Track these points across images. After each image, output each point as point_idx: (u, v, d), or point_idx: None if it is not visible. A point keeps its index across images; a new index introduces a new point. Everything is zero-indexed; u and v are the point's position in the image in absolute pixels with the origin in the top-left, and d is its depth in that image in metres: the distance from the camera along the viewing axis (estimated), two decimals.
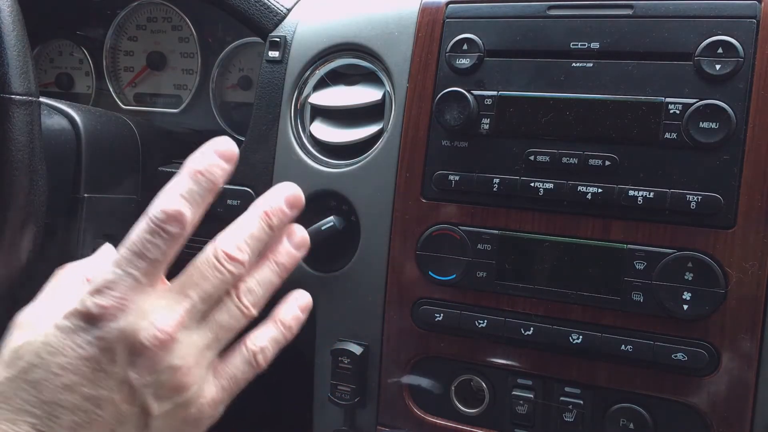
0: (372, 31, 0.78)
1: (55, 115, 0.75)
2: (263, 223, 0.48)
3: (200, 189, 0.46)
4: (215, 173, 0.46)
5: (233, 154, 0.47)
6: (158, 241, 0.44)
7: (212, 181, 0.46)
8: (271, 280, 0.49)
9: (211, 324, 0.47)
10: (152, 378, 0.44)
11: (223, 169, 0.46)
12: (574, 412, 0.67)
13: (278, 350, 0.51)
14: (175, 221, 0.44)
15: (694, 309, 0.61)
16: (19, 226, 0.63)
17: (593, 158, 0.65)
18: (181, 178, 0.46)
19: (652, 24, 0.65)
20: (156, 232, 0.44)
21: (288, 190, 0.50)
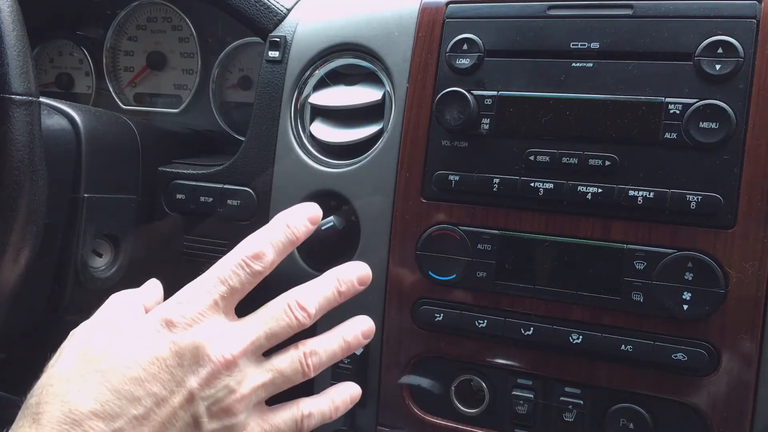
0: (372, 31, 0.78)
1: (55, 115, 0.75)
2: (334, 289, 0.55)
3: (285, 240, 0.54)
4: (300, 231, 0.55)
5: (318, 218, 0.56)
6: (242, 272, 0.50)
7: (296, 237, 0.54)
8: (335, 353, 0.56)
9: (270, 366, 0.51)
10: (210, 391, 0.47)
11: (307, 229, 0.55)
12: (574, 412, 0.67)
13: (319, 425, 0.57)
14: (259, 259, 0.51)
15: (694, 309, 0.61)
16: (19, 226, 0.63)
17: (593, 158, 0.65)
18: (272, 227, 0.54)
19: (652, 24, 0.65)
20: (241, 265, 0.50)
21: (361, 270, 0.58)
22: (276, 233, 0.53)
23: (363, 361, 0.75)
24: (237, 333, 0.49)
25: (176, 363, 0.46)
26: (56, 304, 0.76)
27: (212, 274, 0.50)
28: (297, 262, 0.77)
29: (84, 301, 0.76)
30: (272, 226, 0.54)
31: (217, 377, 0.47)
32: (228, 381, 0.48)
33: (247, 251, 0.51)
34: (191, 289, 0.50)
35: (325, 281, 0.56)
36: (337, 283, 0.56)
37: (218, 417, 0.48)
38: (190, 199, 0.84)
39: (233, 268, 0.50)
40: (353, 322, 0.59)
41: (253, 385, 0.49)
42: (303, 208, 0.56)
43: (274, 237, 0.53)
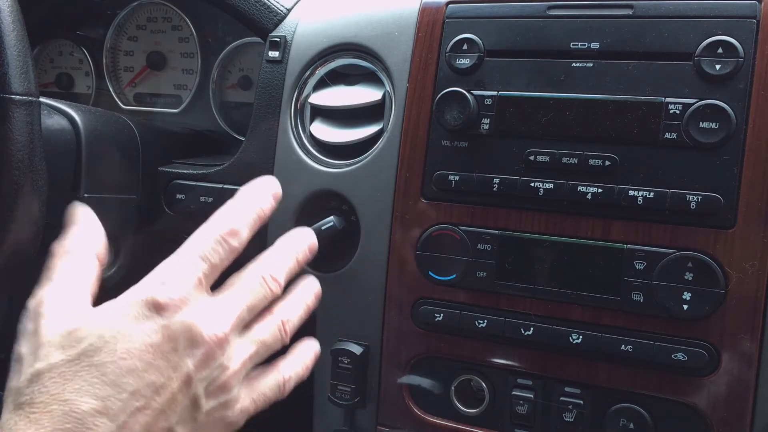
0: (372, 31, 0.78)
1: (55, 115, 0.75)
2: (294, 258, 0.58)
3: (255, 217, 0.55)
4: (267, 208, 0.57)
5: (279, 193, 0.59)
6: (221, 249, 0.51)
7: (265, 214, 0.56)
8: (301, 316, 0.58)
9: (253, 337, 0.52)
10: (206, 372, 0.47)
11: (272, 207, 0.57)
12: (574, 412, 0.67)
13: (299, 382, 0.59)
14: (236, 236, 0.52)
15: (694, 309, 0.61)
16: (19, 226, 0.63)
17: (593, 158, 0.65)
18: (240, 204, 0.55)
19: (652, 24, 0.65)
20: (219, 241, 0.51)
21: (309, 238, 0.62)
22: (246, 210, 0.55)
23: (363, 361, 0.75)
24: (222, 309, 0.49)
25: (171, 348, 0.46)
26: None
27: (191, 252, 0.50)
28: None
29: None
30: (241, 203, 0.55)
31: (211, 357, 0.47)
32: (221, 359, 0.48)
33: (223, 228, 0.52)
34: (172, 267, 0.50)
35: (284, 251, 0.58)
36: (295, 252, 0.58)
37: (215, 395, 0.48)
38: (190, 199, 0.84)
39: (213, 245, 0.51)
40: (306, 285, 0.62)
41: (242, 359, 0.50)
42: (265, 183, 0.58)
43: (245, 214, 0.54)
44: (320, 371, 0.79)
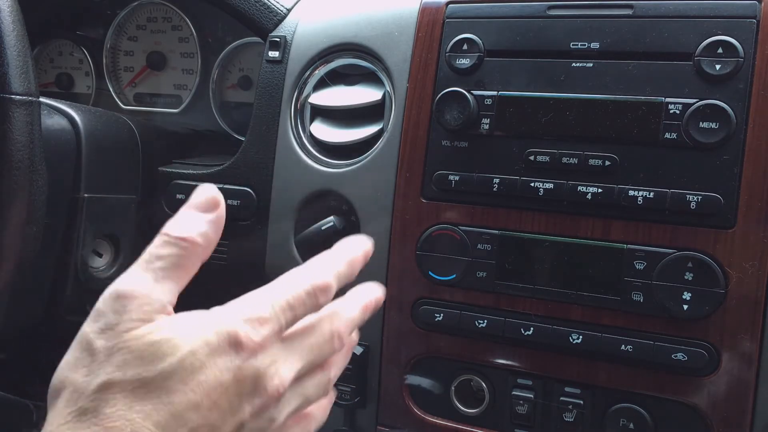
0: (372, 31, 0.78)
1: (55, 115, 0.75)
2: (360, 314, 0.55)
3: (347, 274, 0.53)
4: (358, 267, 0.55)
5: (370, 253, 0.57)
6: (309, 302, 0.49)
7: (354, 272, 0.54)
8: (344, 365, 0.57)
9: (301, 392, 0.51)
10: (257, 423, 0.47)
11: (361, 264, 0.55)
12: (574, 412, 0.67)
13: None
14: (326, 293, 0.50)
15: (694, 309, 0.61)
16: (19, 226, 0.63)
17: (593, 158, 0.65)
18: (338, 259, 0.53)
19: (652, 24, 0.65)
20: (311, 295, 0.49)
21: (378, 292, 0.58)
22: (341, 265, 0.53)
23: (363, 361, 0.75)
24: (288, 361, 0.48)
25: (236, 392, 0.45)
26: (56, 304, 0.76)
27: (283, 296, 0.48)
28: (297, 262, 0.77)
29: (84, 301, 0.76)
30: (337, 256, 0.54)
31: (266, 408, 0.47)
32: (273, 412, 0.47)
33: (318, 280, 0.50)
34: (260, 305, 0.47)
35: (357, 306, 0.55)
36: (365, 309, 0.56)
37: None
38: None
39: (303, 297, 0.49)
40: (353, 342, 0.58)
41: (288, 413, 0.50)
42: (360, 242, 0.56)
43: (339, 270, 0.52)
44: None
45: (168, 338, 0.44)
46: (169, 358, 0.43)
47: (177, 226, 0.47)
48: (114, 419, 0.41)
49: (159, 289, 0.46)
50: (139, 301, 0.45)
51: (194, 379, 0.43)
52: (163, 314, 0.45)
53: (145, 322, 0.44)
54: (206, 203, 0.49)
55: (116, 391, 0.42)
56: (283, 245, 0.79)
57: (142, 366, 0.43)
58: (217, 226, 0.49)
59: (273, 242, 0.80)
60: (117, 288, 0.45)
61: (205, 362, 0.44)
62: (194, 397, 0.43)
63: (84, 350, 0.44)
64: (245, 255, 0.82)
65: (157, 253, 0.46)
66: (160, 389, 0.42)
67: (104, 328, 0.44)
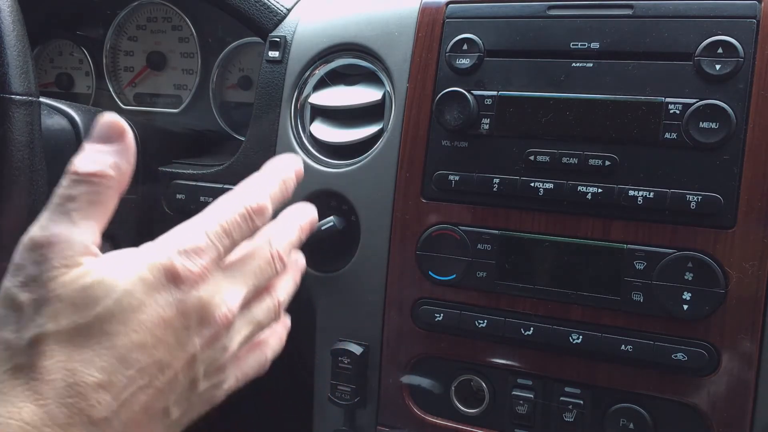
0: (372, 31, 0.78)
1: (55, 115, 0.75)
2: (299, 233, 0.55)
3: (280, 195, 0.52)
4: (291, 187, 0.53)
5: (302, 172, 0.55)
6: (245, 226, 0.48)
7: (288, 192, 0.53)
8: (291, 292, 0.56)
9: (251, 318, 0.50)
10: (209, 353, 0.45)
11: (294, 184, 0.54)
12: (574, 412, 0.67)
13: None
14: (262, 215, 0.49)
15: (694, 309, 0.61)
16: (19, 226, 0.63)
17: (593, 158, 0.65)
18: (269, 179, 0.51)
19: (652, 24, 0.65)
20: (246, 218, 0.48)
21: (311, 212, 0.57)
22: (274, 185, 0.51)
23: (363, 361, 0.75)
24: (231, 288, 0.47)
25: (182, 325, 0.43)
26: None
27: (215, 222, 0.46)
28: None
29: None
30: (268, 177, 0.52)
31: (217, 338, 0.45)
32: (224, 340, 0.46)
33: (252, 203, 0.48)
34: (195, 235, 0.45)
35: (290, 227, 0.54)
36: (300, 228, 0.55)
37: (211, 376, 0.46)
38: (190, 199, 0.84)
39: (239, 221, 0.47)
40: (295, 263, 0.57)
41: (239, 340, 0.48)
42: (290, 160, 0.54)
43: (272, 191, 0.51)
44: (320, 371, 0.79)
45: (99, 280, 0.41)
46: (104, 301, 0.41)
47: (84, 162, 0.44)
48: (53, 371, 0.39)
49: (78, 232, 0.43)
50: (58, 246, 0.42)
51: (135, 319, 0.41)
52: (89, 256, 0.43)
53: (71, 267, 0.41)
54: (111, 133, 0.46)
55: (51, 342, 0.39)
56: None
57: (76, 313, 0.40)
58: (127, 154, 0.46)
59: None
60: (32, 237, 0.43)
61: (143, 300, 0.42)
62: (137, 336, 0.41)
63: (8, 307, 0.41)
64: None
65: (68, 194, 0.43)
66: (99, 334, 0.40)
67: (26, 281, 0.41)
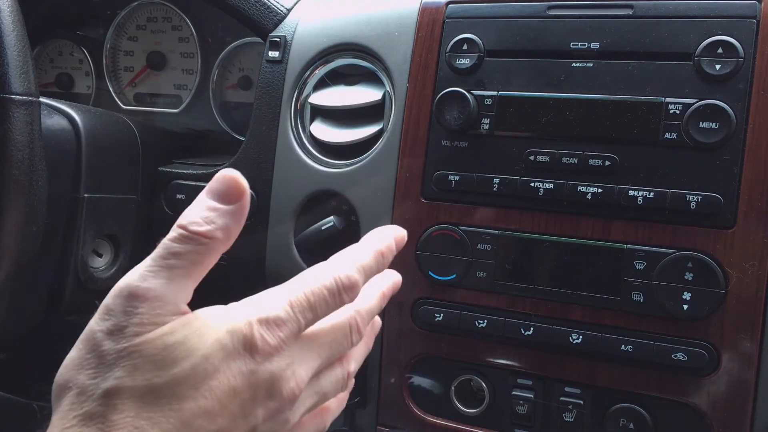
0: (372, 31, 0.78)
1: (55, 115, 0.75)
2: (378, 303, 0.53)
3: (376, 268, 0.50)
4: (388, 259, 0.51)
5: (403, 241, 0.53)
6: (332, 301, 0.46)
7: (385, 265, 0.51)
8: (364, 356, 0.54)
9: (318, 389, 0.49)
10: (270, 426, 0.44)
11: (392, 255, 0.52)
12: (574, 412, 0.67)
13: None
14: (353, 291, 0.47)
15: (694, 309, 0.61)
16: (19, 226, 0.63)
17: (593, 158, 0.65)
18: (365, 253, 0.50)
19: (652, 24, 0.65)
20: (335, 294, 0.46)
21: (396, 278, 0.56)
22: (369, 259, 0.49)
23: (363, 361, 0.75)
24: (304, 362, 0.46)
25: (249, 396, 0.42)
26: (57, 304, 0.76)
27: (302, 295, 0.45)
28: (297, 262, 0.77)
29: (84, 301, 0.76)
30: (366, 250, 0.50)
31: (281, 411, 0.45)
32: (287, 414, 0.45)
33: (344, 277, 0.46)
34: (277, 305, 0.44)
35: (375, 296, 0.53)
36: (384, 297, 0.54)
37: None
38: (190, 199, 0.82)
39: (326, 296, 0.45)
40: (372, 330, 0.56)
41: (303, 411, 0.48)
42: (392, 230, 0.53)
43: (366, 263, 0.49)
44: None
45: (181, 341, 0.41)
46: (182, 363, 0.41)
47: (195, 219, 0.43)
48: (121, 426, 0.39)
49: (173, 290, 0.42)
50: (152, 303, 0.42)
51: (206, 385, 0.41)
52: (177, 315, 0.43)
53: (157, 325, 0.41)
54: (228, 192, 0.44)
55: (125, 397, 0.40)
56: (283, 245, 0.79)
57: (154, 371, 0.40)
58: (240, 218, 0.44)
59: (273, 242, 0.80)
60: (129, 285, 0.42)
61: (218, 367, 0.41)
62: (205, 403, 0.41)
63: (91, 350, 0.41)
64: (245, 255, 0.82)
65: (174, 250, 0.42)
66: (170, 395, 0.40)
67: (113, 329, 0.41)
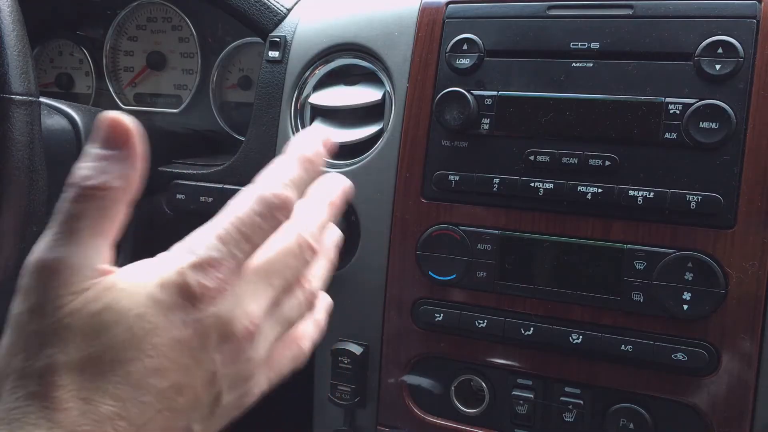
0: (372, 31, 0.78)
1: (55, 115, 0.75)
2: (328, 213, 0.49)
3: (307, 178, 0.45)
4: (318, 164, 0.46)
5: (332, 144, 0.48)
6: (266, 225, 0.42)
7: (316, 172, 0.46)
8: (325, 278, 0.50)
9: (279, 316, 0.46)
10: (233, 368, 0.42)
11: (324, 160, 0.47)
12: (574, 412, 0.67)
13: None
14: (285, 208, 0.43)
15: (694, 309, 0.61)
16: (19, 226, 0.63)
17: (593, 158, 0.65)
18: (290, 164, 0.45)
19: (652, 24, 0.65)
20: (266, 216, 0.42)
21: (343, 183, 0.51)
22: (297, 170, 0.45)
23: (363, 361, 0.75)
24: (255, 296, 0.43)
25: (200, 344, 0.40)
26: None
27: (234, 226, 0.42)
28: None
29: None
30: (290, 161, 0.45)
31: (240, 351, 0.42)
32: (249, 352, 0.43)
33: (271, 196, 0.43)
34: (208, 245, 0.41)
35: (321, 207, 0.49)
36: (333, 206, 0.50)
37: (237, 387, 0.44)
38: (190, 199, 0.84)
39: (257, 221, 0.42)
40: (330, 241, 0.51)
41: (267, 346, 0.45)
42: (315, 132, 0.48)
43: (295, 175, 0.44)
44: (320, 371, 0.79)
45: (109, 306, 0.39)
46: (115, 328, 0.38)
47: (87, 173, 0.41)
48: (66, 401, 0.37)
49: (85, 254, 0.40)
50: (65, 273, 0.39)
51: (148, 343, 0.39)
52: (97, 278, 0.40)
53: (78, 293, 0.39)
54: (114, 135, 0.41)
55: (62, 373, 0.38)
56: None
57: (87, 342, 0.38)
58: (134, 160, 0.41)
59: None
60: (37, 260, 0.40)
61: (157, 323, 0.39)
62: (152, 361, 0.39)
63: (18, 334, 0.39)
64: None
65: (73, 211, 0.40)
66: (112, 362, 0.38)
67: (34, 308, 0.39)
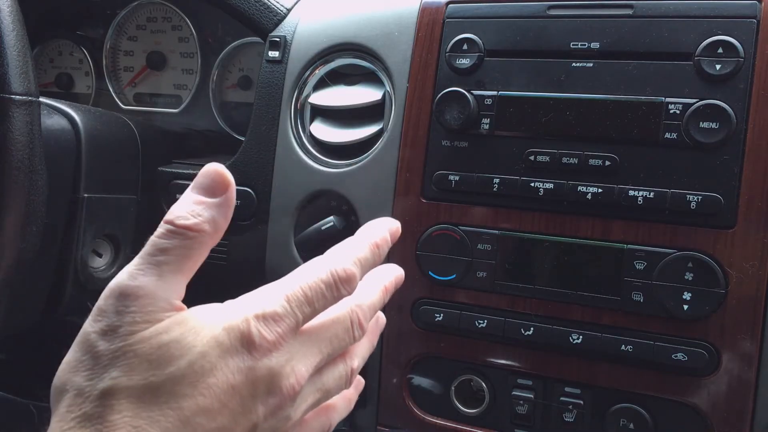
0: (372, 31, 0.78)
1: (55, 115, 0.75)
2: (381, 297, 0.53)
3: (372, 260, 0.50)
4: (384, 250, 0.51)
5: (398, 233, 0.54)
6: (329, 295, 0.46)
7: (381, 257, 0.51)
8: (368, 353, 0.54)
9: (320, 383, 0.48)
10: (272, 422, 0.44)
11: (388, 247, 0.52)
12: (574, 412, 0.67)
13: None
14: (350, 284, 0.47)
15: (694, 309, 0.61)
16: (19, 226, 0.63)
17: (593, 158, 0.65)
18: (360, 245, 0.50)
19: (652, 24, 0.65)
20: (332, 287, 0.46)
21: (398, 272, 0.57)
22: (365, 251, 0.49)
23: None
24: (304, 357, 0.45)
25: (249, 393, 0.42)
26: (56, 304, 0.76)
27: (299, 290, 0.45)
28: (297, 262, 0.77)
29: (84, 301, 0.76)
30: (361, 243, 0.50)
31: (282, 408, 0.44)
32: (289, 410, 0.45)
33: (339, 270, 0.46)
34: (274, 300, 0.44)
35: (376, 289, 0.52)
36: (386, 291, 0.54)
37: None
38: None
39: (323, 289, 0.45)
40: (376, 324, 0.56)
41: (305, 408, 0.47)
42: (387, 222, 0.53)
43: (362, 256, 0.49)
44: None
45: (177, 339, 0.41)
46: (178, 361, 0.41)
47: (182, 213, 0.43)
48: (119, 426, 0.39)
49: (164, 287, 0.42)
50: (143, 301, 0.42)
51: (204, 382, 0.41)
52: (171, 312, 0.42)
53: (151, 323, 0.41)
54: (213, 184, 0.45)
55: (122, 397, 0.40)
56: (283, 245, 0.79)
57: (150, 370, 0.40)
58: (227, 210, 0.45)
59: (273, 242, 0.80)
60: (119, 285, 0.42)
61: (215, 364, 0.41)
62: (204, 401, 0.41)
63: (86, 352, 0.41)
64: (245, 255, 0.82)
65: (161, 245, 0.43)
66: (168, 394, 0.40)
67: (106, 330, 0.41)
